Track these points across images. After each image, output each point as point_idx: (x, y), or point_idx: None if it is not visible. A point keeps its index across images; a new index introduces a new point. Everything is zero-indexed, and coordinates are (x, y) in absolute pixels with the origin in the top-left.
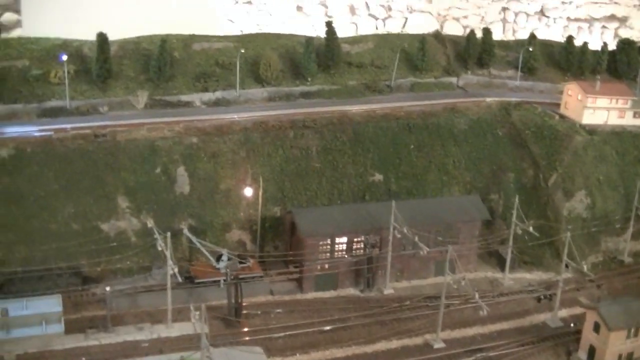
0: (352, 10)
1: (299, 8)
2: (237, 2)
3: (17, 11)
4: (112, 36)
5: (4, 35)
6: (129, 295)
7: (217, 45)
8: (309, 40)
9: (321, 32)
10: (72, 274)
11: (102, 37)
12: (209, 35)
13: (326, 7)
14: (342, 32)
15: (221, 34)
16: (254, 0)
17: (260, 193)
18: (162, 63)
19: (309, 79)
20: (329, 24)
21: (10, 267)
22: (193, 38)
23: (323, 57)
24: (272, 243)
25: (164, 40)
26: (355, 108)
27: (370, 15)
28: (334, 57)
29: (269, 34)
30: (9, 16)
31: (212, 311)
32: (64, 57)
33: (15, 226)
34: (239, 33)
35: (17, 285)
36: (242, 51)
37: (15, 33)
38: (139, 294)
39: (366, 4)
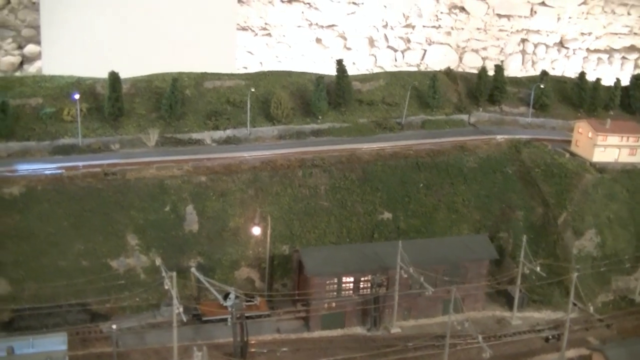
0: (371, 42)
1: (318, 40)
2: (256, 35)
3: (39, 43)
4: (125, 74)
5: (26, 65)
6: (136, 332)
7: (228, 83)
8: (319, 78)
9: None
10: (80, 310)
11: (113, 76)
12: (220, 73)
13: (345, 39)
14: (360, 64)
15: (234, 70)
16: (274, 32)
17: (269, 232)
18: (173, 101)
19: (320, 117)
20: (339, 62)
21: (20, 303)
22: (204, 76)
23: (334, 94)
24: (280, 281)
25: (176, 79)
26: (364, 146)
27: (389, 47)
28: (344, 95)
29: (280, 71)
30: (31, 48)
31: (219, 349)
32: (76, 96)
33: (25, 263)
34: (254, 69)
35: (26, 321)
36: (253, 90)
37: (37, 64)
38: (146, 331)
39: (385, 36)
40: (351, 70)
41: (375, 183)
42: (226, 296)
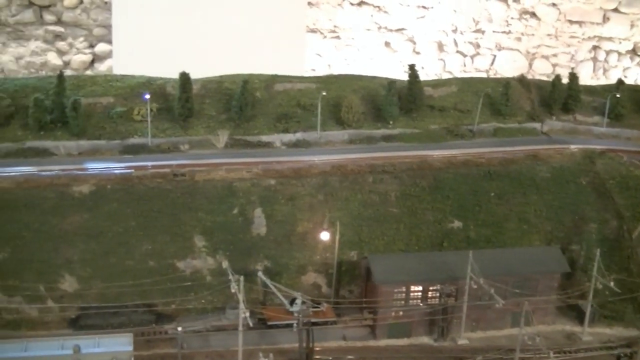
0: (440, 46)
1: (386, 44)
2: (325, 37)
3: (110, 42)
4: (195, 75)
5: (97, 64)
6: (201, 335)
7: (299, 86)
8: (391, 83)
9: (408, 69)
10: (146, 310)
11: (184, 76)
12: (291, 75)
13: (414, 43)
14: (429, 68)
15: (303, 73)
16: (342, 35)
17: (337, 237)
18: (243, 103)
19: (390, 122)
20: (412, 67)
21: (86, 301)
22: (275, 78)
23: (405, 100)
24: (347, 287)
25: (246, 81)
26: (435, 153)
27: (458, 52)
28: (416, 101)
29: (351, 75)
30: (102, 47)
31: (284, 355)
32: (147, 97)
33: (93, 261)
34: (324, 72)
35: (92, 319)
36: (324, 93)
37: (107, 63)
38: (211, 334)
39: (454, 40)
40: (420, 75)
41: (446, 191)
42: (292, 301)
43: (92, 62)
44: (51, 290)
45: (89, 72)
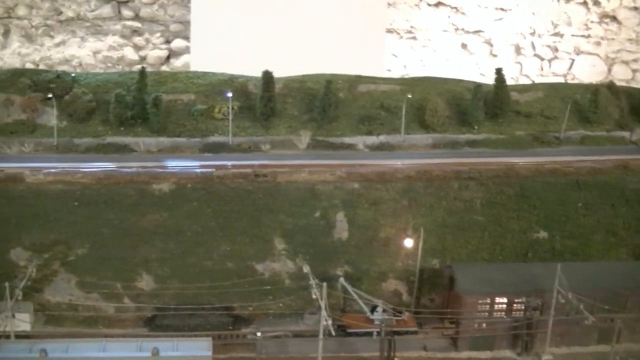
0: (518, 49)
1: (463, 45)
2: (401, 38)
3: (186, 38)
4: (277, 74)
5: (173, 59)
6: (279, 340)
7: (382, 87)
8: (477, 87)
9: (485, 71)
10: (223, 313)
11: (267, 75)
12: (375, 77)
13: (491, 45)
14: (505, 71)
15: (381, 74)
16: (419, 36)
17: (420, 244)
18: (326, 103)
19: (476, 127)
20: (498, 71)
21: (163, 301)
22: (359, 79)
23: (491, 105)
24: (428, 296)
25: (330, 81)
26: (522, 161)
27: (535, 55)
28: (502, 106)
29: (435, 78)
30: (178, 42)
31: None
32: (229, 95)
33: (171, 261)
34: (399, 73)
35: (168, 320)
36: (410, 96)
37: (183, 59)
38: (289, 339)
39: (532, 43)
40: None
41: (533, 200)
42: (373, 309)
43: (168, 57)
44: (128, 289)
45: (164, 68)
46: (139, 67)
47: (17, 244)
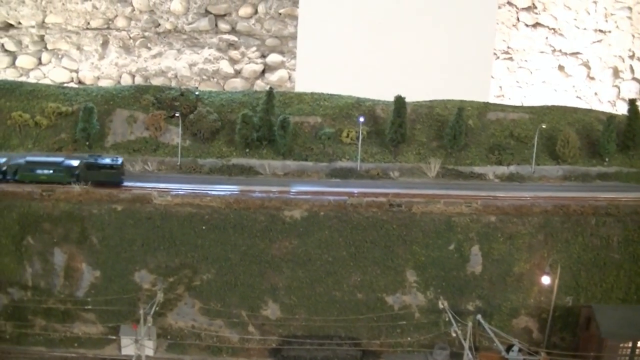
0: (616, 72)
1: (560, 67)
2: (498, 58)
3: (282, 53)
4: (379, 96)
5: (268, 74)
6: None
7: (512, 115)
8: (610, 118)
9: (582, 95)
10: (351, 345)
11: (400, 100)
12: (503, 104)
13: (589, 68)
14: (602, 95)
15: (487, 98)
16: (515, 57)
17: (556, 281)
18: (457, 131)
19: (607, 160)
20: (632, 102)
21: (289, 330)
22: (487, 106)
23: (623, 136)
24: (559, 334)
25: (461, 108)
26: None
27: (634, 78)
28: (634, 138)
29: (565, 107)
30: (273, 57)
31: None
32: (362, 119)
33: (299, 289)
34: (498, 97)
35: (295, 351)
36: (544, 126)
37: (279, 74)
38: None
39: (631, 66)
40: (593, 101)
41: None
42: (509, 348)
43: (263, 71)
44: (253, 317)
45: (259, 82)
46: (235, 80)
47: (142, 266)
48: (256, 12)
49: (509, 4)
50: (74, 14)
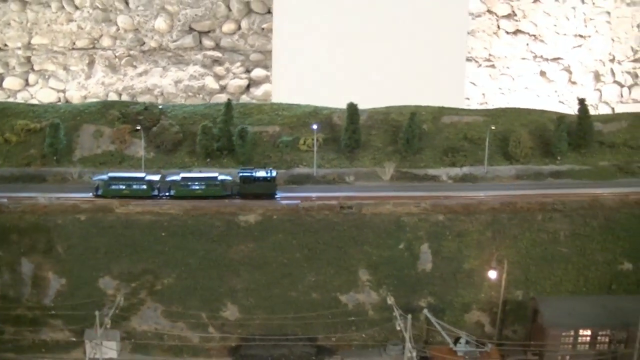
0: (597, 76)
1: (542, 73)
2: (480, 66)
3: (267, 67)
4: (359, 104)
5: (252, 89)
6: None
7: (466, 119)
8: (561, 117)
9: (564, 99)
10: (307, 344)
11: (352, 107)
12: (458, 108)
13: (570, 72)
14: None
15: (461, 104)
16: (497, 64)
17: (504, 276)
18: (411, 135)
19: (559, 158)
20: (581, 101)
21: (248, 331)
22: (442, 111)
23: (574, 135)
24: (511, 327)
25: (414, 113)
26: (606, 192)
27: (615, 82)
28: (585, 136)
29: (518, 108)
30: (258, 72)
31: None
32: (315, 127)
33: (256, 291)
34: (476, 100)
35: (253, 350)
36: (493, 127)
37: (263, 88)
38: None
39: (612, 70)
40: (576, 106)
41: (617, 231)
42: (457, 340)
43: (248, 86)
44: (213, 318)
45: (244, 97)
46: (221, 96)
47: (105, 273)
48: (239, 27)
49: (489, 12)
50: (59, 35)
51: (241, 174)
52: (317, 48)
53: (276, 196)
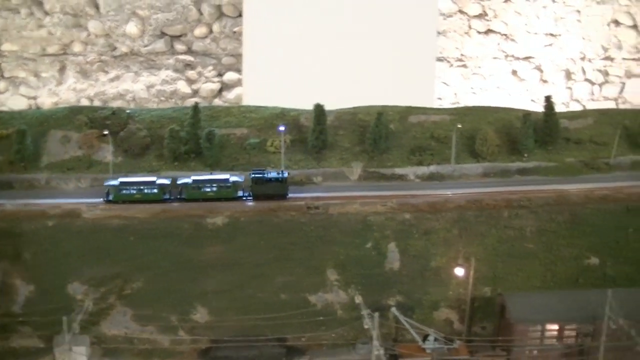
0: (568, 75)
1: (514, 72)
2: (451, 66)
3: (238, 71)
4: (329, 106)
5: (225, 92)
6: None
7: (433, 118)
8: (526, 115)
9: (536, 97)
10: (277, 344)
11: (319, 108)
12: (426, 107)
13: (541, 71)
14: (556, 97)
15: (432, 103)
16: (469, 64)
17: (471, 273)
18: (377, 135)
19: (526, 155)
20: (548, 99)
21: (219, 333)
22: (409, 110)
23: (541, 132)
24: (480, 324)
25: (381, 113)
26: (572, 188)
27: (586, 80)
28: (552, 133)
29: (486, 107)
30: (230, 75)
31: None
32: (282, 129)
33: (227, 293)
34: (450, 101)
35: (223, 352)
36: (459, 125)
37: (235, 92)
38: None
39: (582, 68)
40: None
41: (583, 226)
42: (425, 338)
43: (221, 90)
44: (183, 321)
45: (217, 100)
46: (192, 100)
47: (74, 278)
48: (211, 31)
49: (461, 12)
50: (29, 41)
51: (253, 175)
52: (286, 50)
53: (287, 197)
